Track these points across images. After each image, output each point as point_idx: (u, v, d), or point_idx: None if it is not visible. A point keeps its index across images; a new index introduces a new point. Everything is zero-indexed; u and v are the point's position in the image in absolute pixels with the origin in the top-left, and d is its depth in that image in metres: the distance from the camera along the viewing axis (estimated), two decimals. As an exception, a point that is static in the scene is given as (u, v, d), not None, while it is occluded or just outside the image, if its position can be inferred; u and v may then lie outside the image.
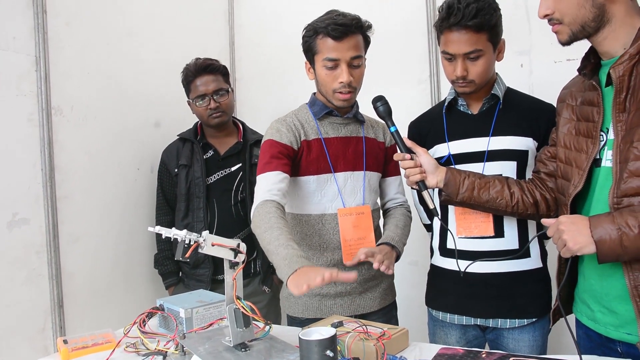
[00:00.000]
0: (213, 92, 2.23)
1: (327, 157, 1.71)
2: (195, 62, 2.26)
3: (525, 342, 1.66)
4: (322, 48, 1.63)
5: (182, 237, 1.22)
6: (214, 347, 1.30)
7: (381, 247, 1.67)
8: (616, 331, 1.27)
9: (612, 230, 1.13)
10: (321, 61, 1.64)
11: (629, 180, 1.18)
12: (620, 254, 1.14)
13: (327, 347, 1.07)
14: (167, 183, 2.34)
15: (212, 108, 2.23)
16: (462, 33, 1.55)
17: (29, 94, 1.94)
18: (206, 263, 2.24)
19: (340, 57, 1.62)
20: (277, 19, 2.98)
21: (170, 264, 2.33)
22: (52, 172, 1.99)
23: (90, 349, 1.45)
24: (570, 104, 1.41)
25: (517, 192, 1.54)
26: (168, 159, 2.32)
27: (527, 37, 2.35)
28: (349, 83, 1.63)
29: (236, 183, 2.30)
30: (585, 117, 1.33)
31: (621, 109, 1.21)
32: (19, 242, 1.89)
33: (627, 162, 1.17)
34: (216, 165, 2.30)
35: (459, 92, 1.69)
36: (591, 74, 1.32)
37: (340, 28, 1.59)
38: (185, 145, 2.31)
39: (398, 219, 1.81)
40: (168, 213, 2.34)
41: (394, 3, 2.64)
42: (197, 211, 2.25)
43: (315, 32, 1.63)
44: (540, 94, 2.26)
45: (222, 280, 2.21)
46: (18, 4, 1.91)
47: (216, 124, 2.27)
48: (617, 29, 1.22)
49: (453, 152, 1.70)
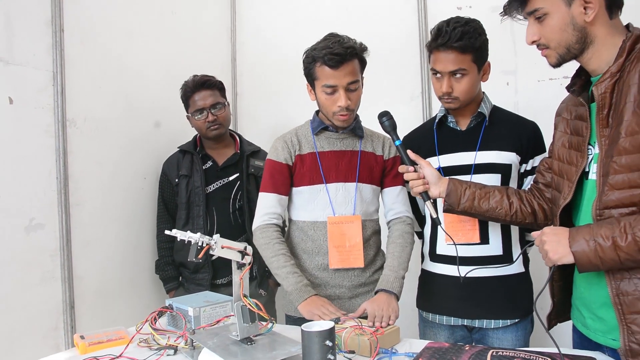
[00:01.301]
0: (211, 106, 2.36)
1: (319, 169, 1.84)
2: (193, 79, 2.39)
3: (509, 341, 1.77)
4: (321, 75, 1.76)
5: (195, 239, 1.34)
6: (222, 341, 1.41)
7: (379, 298, 1.70)
8: (603, 337, 1.32)
9: (588, 242, 1.19)
10: (321, 87, 1.77)
11: (609, 193, 1.23)
12: (597, 265, 1.20)
13: (326, 338, 1.19)
14: (167, 193, 2.45)
15: (210, 121, 2.35)
16: (448, 53, 1.70)
17: (46, 107, 2.05)
18: (206, 268, 2.35)
19: (337, 84, 1.74)
20: (277, 37, 3.11)
21: (171, 269, 2.43)
22: (66, 180, 2.10)
23: (105, 344, 1.56)
24: (566, 117, 1.47)
25: (516, 202, 1.61)
26: (169, 170, 2.44)
27: (513, 58, 2.51)
28: (346, 107, 1.76)
29: (234, 192, 2.43)
30: (576, 132, 1.40)
31: (604, 125, 1.26)
32: (35, 246, 1.99)
33: (608, 175, 1.23)
34: (215, 175, 2.42)
35: (445, 107, 1.83)
36: (580, 90, 1.38)
37: (336, 57, 1.71)
38: (185, 156, 2.43)
39: (396, 244, 1.86)
40: (168, 221, 2.45)
41: (389, 25, 2.79)
42: (197, 219, 2.36)
43: (314, 60, 1.76)
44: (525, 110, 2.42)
45: (221, 285, 2.35)
46: (38, 23, 2.04)
47: (214, 135, 2.39)
48: (601, 49, 1.29)
49: (443, 165, 1.83)
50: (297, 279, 1.74)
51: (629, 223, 1.17)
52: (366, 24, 2.78)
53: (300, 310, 1.69)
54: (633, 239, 1.15)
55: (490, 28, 1.82)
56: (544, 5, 1.30)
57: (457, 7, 2.58)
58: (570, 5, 1.27)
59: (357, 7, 2.87)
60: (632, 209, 1.21)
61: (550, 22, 1.31)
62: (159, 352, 1.48)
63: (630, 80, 1.22)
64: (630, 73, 1.22)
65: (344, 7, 2.90)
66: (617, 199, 1.23)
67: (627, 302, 1.22)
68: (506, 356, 1.26)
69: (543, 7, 1.30)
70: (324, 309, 1.64)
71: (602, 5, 1.27)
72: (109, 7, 2.35)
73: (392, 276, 1.78)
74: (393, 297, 1.72)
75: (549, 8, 1.30)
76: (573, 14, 1.28)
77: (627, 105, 1.21)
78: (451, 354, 1.31)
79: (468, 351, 1.31)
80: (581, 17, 1.27)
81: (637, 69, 1.21)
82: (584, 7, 1.26)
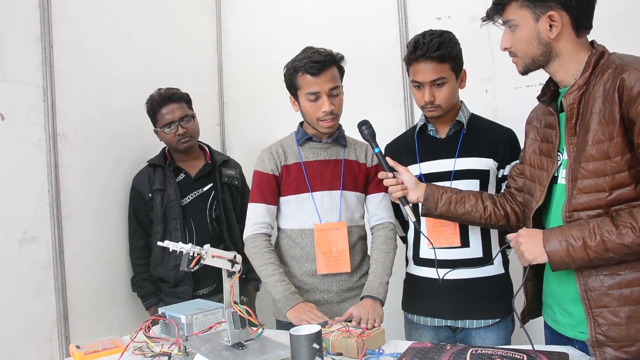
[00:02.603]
0: (179, 119, 2.35)
1: (305, 178, 1.91)
2: (158, 92, 2.39)
3: (491, 340, 1.84)
4: (303, 84, 1.84)
5: (187, 250, 1.40)
6: (214, 346, 1.46)
7: (364, 303, 1.77)
8: (572, 330, 1.41)
9: (561, 242, 1.29)
10: (304, 95, 1.85)
11: (578, 197, 1.32)
12: (569, 263, 1.29)
13: (314, 341, 1.25)
14: (140, 208, 2.42)
15: (180, 134, 2.35)
16: (427, 63, 1.78)
17: (37, 122, 2.09)
18: (186, 280, 2.34)
19: (320, 90, 1.83)
20: (263, 47, 3.17)
21: (149, 285, 2.40)
22: (58, 194, 2.13)
23: (101, 352, 1.60)
24: (536, 126, 1.56)
25: (490, 206, 1.70)
26: (140, 185, 2.40)
27: (491, 65, 2.60)
28: (330, 111, 1.84)
29: (209, 202, 2.44)
30: (546, 139, 1.49)
31: (572, 133, 1.36)
32: (28, 258, 2.02)
33: (577, 180, 1.32)
34: (189, 187, 2.43)
35: (428, 116, 1.90)
36: (550, 100, 1.47)
37: (317, 65, 1.81)
38: (156, 170, 2.41)
39: (379, 250, 1.92)
40: (142, 237, 2.43)
41: (371, 35, 2.87)
42: (175, 232, 2.34)
43: (295, 71, 1.85)
44: (503, 116, 2.51)
45: (202, 296, 2.34)
46: (27, 40, 2.08)
47: (185, 148, 2.39)
48: (566, 63, 1.38)
49: (424, 172, 1.90)
50: (284, 287, 1.80)
51: (597, 224, 1.26)
52: (349, 33, 2.86)
53: (289, 317, 1.76)
54: (601, 239, 1.25)
55: (469, 37, 1.91)
56: (515, 17, 1.40)
57: (436, 17, 2.67)
58: (537, 21, 1.37)
59: (341, 17, 2.95)
60: (599, 211, 1.30)
61: (519, 34, 1.41)
62: (153, 359, 1.53)
63: (596, 92, 1.31)
64: (595, 86, 1.32)
65: (328, 18, 2.98)
66: (585, 202, 1.32)
67: (594, 297, 1.31)
68: (485, 354, 1.33)
69: (515, 19, 1.41)
70: (312, 314, 1.71)
71: (569, 24, 1.36)
72: (97, 23, 2.40)
73: (376, 282, 1.85)
74: (378, 303, 1.79)
75: (519, 21, 1.40)
76: (539, 29, 1.37)
77: (593, 115, 1.31)
78: (433, 353, 1.37)
79: (449, 350, 1.38)
80: (546, 34, 1.37)
81: (601, 82, 1.31)
82: (550, 25, 1.36)
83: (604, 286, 1.30)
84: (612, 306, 1.29)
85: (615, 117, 1.26)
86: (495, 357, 1.31)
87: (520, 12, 1.39)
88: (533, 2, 1.36)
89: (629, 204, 1.28)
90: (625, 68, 1.27)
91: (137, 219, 2.43)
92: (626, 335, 1.28)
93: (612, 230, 1.24)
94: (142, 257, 2.42)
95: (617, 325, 1.29)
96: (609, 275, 1.30)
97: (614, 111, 1.26)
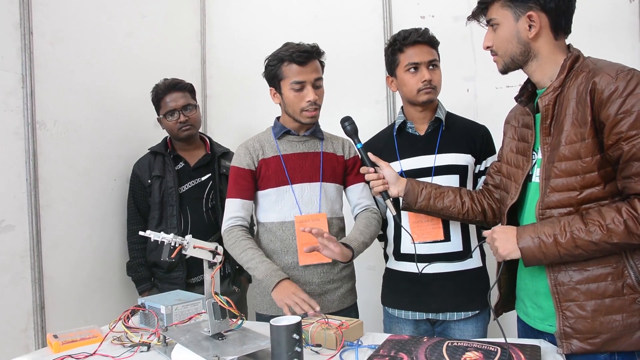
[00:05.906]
0: (182, 107, 2.43)
1: (284, 171, 1.93)
2: (164, 81, 2.46)
3: (469, 331, 1.89)
4: (289, 73, 1.86)
5: (168, 239, 1.40)
6: (194, 337, 1.47)
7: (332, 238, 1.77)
8: (542, 323, 1.46)
9: (533, 239, 1.34)
10: (289, 85, 1.86)
11: (550, 195, 1.37)
12: (541, 259, 1.34)
13: (293, 332, 1.27)
14: (139, 194, 2.49)
15: (181, 122, 2.42)
16: (422, 46, 1.88)
17: (15, 110, 2.06)
18: (180, 267, 2.40)
19: (306, 79, 1.85)
20: (247, 40, 3.17)
21: (143, 270, 2.46)
22: (36, 182, 2.10)
23: (78, 342, 1.59)
24: (513, 125, 1.61)
25: (468, 202, 1.74)
26: (140, 171, 2.48)
27: (473, 65, 2.64)
28: (315, 101, 1.86)
29: (206, 191, 2.49)
30: (523, 138, 1.54)
31: (547, 133, 1.41)
32: (5, 247, 2.00)
33: (550, 179, 1.37)
34: (187, 176, 2.49)
35: (423, 100, 1.88)
36: (527, 101, 1.53)
37: (304, 54, 1.84)
38: (157, 158, 2.48)
39: (359, 222, 1.96)
40: (140, 222, 2.48)
41: (356, 32, 2.90)
42: (171, 218, 2.41)
43: (281, 61, 1.86)
44: (483, 115, 2.55)
45: (195, 283, 2.39)
46: (6, 25, 2.04)
47: (186, 136, 2.46)
48: (544, 64, 1.43)
49: (405, 169, 1.93)
50: (267, 266, 1.79)
51: (568, 222, 1.32)
52: (334, 30, 2.89)
53: (273, 296, 1.73)
54: (571, 236, 1.30)
55: (452, 36, 1.96)
56: (497, 16, 1.46)
57: (420, 16, 2.71)
58: (517, 21, 1.42)
59: (326, 13, 2.97)
60: (570, 209, 1.36)
61: (500, 33, 1.46)
62: (132, 349, 1.53)
63: (570, 95, 1.36)
64: (569, 89, 1.37)
65: (313, 13, 2.99)
66: (557, 200, 1.37)
67: (563, 292, 1.37)
68: (460, 346, 1.37)
69: (497, 18, 1.46)
70: (296, 297, 1.67)
71: (547, 26, 1.41)
72: (79, 11, 2.37)
73: (351, 238, 1.86)
74: (347, 250, 1.79)
75: (501, 20, 1.45)
76: (519, 28, 1.42)
77: (566, 117, 1.36)
78: (410, 345, 1.41)
79: (426, 342, 1.42)
80: (525, 33, 1.42)
81: (575, 85, 1.36)
82: (529, 25, 1.41)
83: (573, 281, 1.36)
84: (579, 300, 1.35)
85: (587, 119, 1.31)
86: (470, 350, 1.34)
87: (502, 11, 1.44)
88: (514, 2, 1.42)
89: (598, 202, 1.33)
90: (598, 72, 1.32)
91: (136, 204, 2.49)
92: (591, 327, 1.34)
93: (582, 228, 1.29)
94: (139, 242, 2.47)
95: (583, 318, 1.34)
96: (578, 270, 1.36)
97: (586, 113, 1.31)
